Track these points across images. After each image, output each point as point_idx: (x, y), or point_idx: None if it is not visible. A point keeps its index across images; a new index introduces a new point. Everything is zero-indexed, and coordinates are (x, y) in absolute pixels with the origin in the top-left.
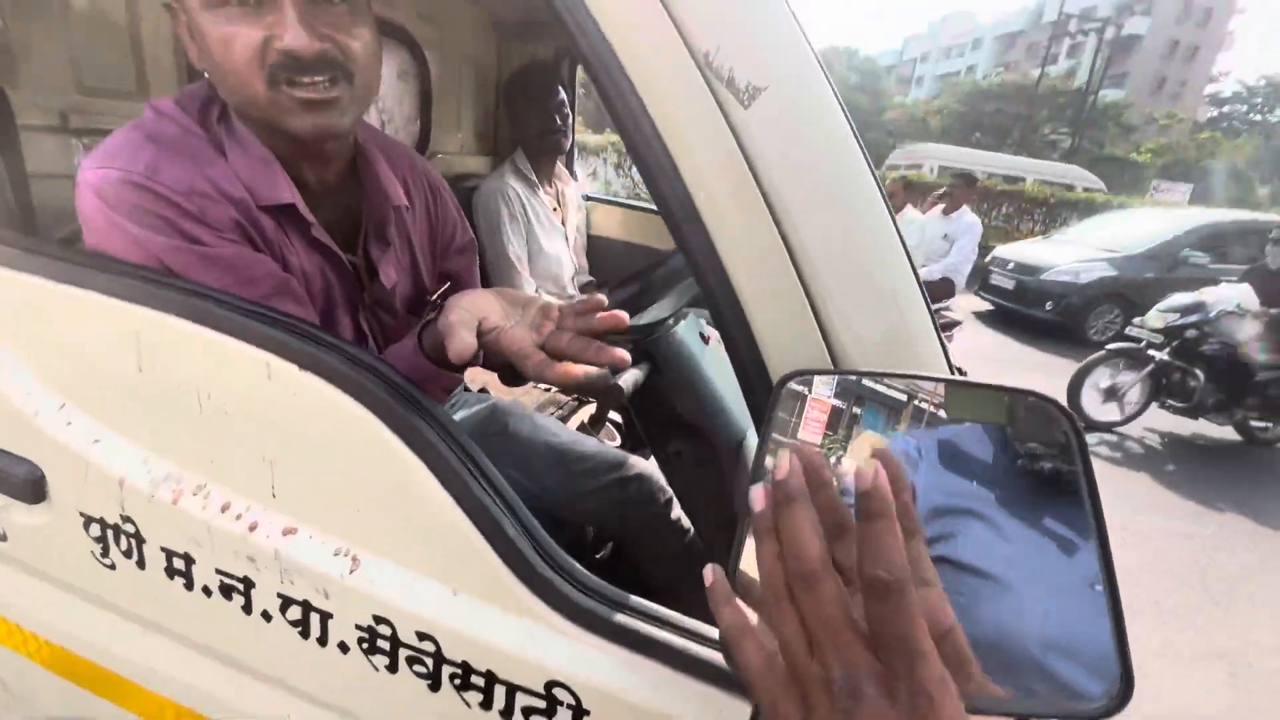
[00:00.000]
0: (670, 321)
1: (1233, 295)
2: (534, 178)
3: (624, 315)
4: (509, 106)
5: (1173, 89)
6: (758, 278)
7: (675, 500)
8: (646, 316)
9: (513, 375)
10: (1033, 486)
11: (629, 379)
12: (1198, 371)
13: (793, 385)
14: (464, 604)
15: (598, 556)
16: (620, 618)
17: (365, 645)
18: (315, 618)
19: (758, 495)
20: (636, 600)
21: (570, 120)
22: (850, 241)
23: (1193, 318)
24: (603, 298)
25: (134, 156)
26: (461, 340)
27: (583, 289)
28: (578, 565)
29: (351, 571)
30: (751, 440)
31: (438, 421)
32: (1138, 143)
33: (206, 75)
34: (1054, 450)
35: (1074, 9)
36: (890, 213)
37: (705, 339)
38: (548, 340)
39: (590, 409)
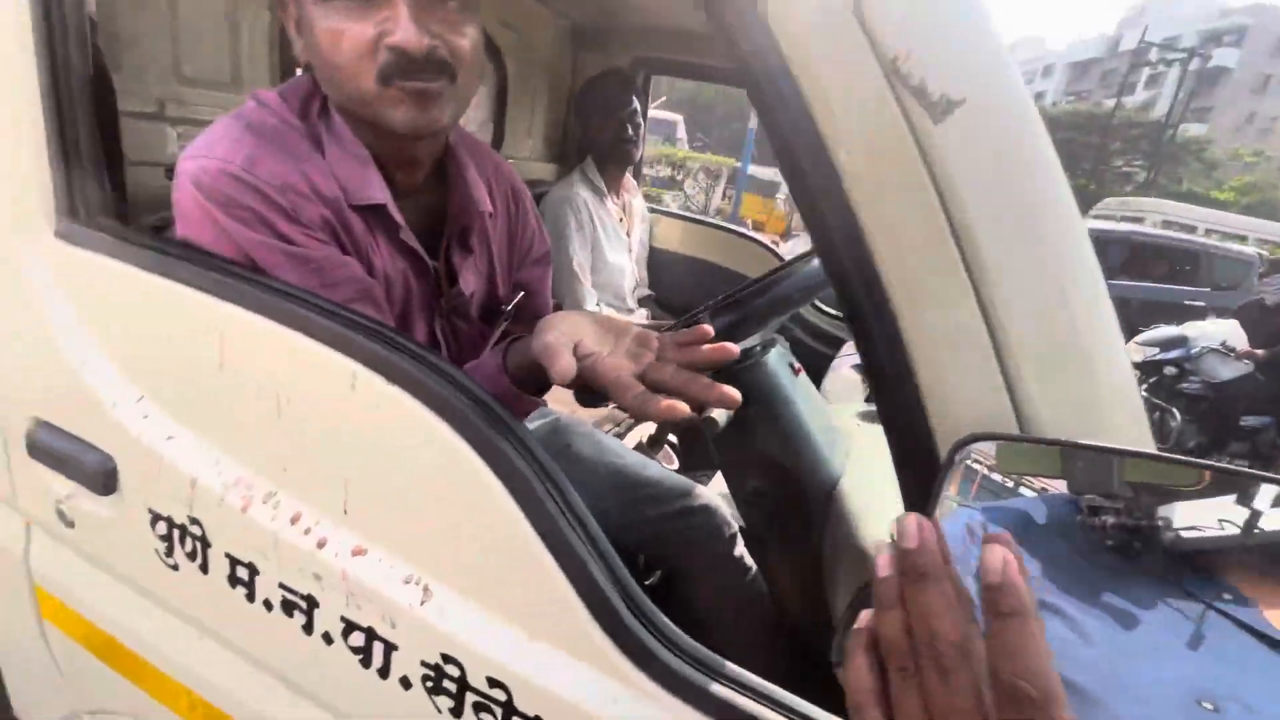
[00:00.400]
0: (759, 350)
1: (1218, 331)
2: (603, 187)
3: (734, 348)
4: (581, 114)
5: (1262, 124)
6: (932, 320)
7: (740, 537)
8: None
9: (589, 396)
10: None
11: (720, 413)
12: (1175, 411)
13: (974, 451)
14: (541, 652)
15: (646, 583)
16: (717, 688)
17: (430, 684)
18: (379, 647)
19: (884, 562)
20: (734, 669)
21: (642, 130)
22: (1052, 284)
23: (1173, 353)
24: (708, 328)
25: (233, 148)
26: (566, 363)
27: (641, 302)
28: (670, 623)
29: (423, 602)
30: (846, 488)
31: (529, 451)
32: (1220, 180)
33: (301, 70)
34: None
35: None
36: (1094, 255)
37: (795, 370)
38: (648, 372)
39: (649, 428)
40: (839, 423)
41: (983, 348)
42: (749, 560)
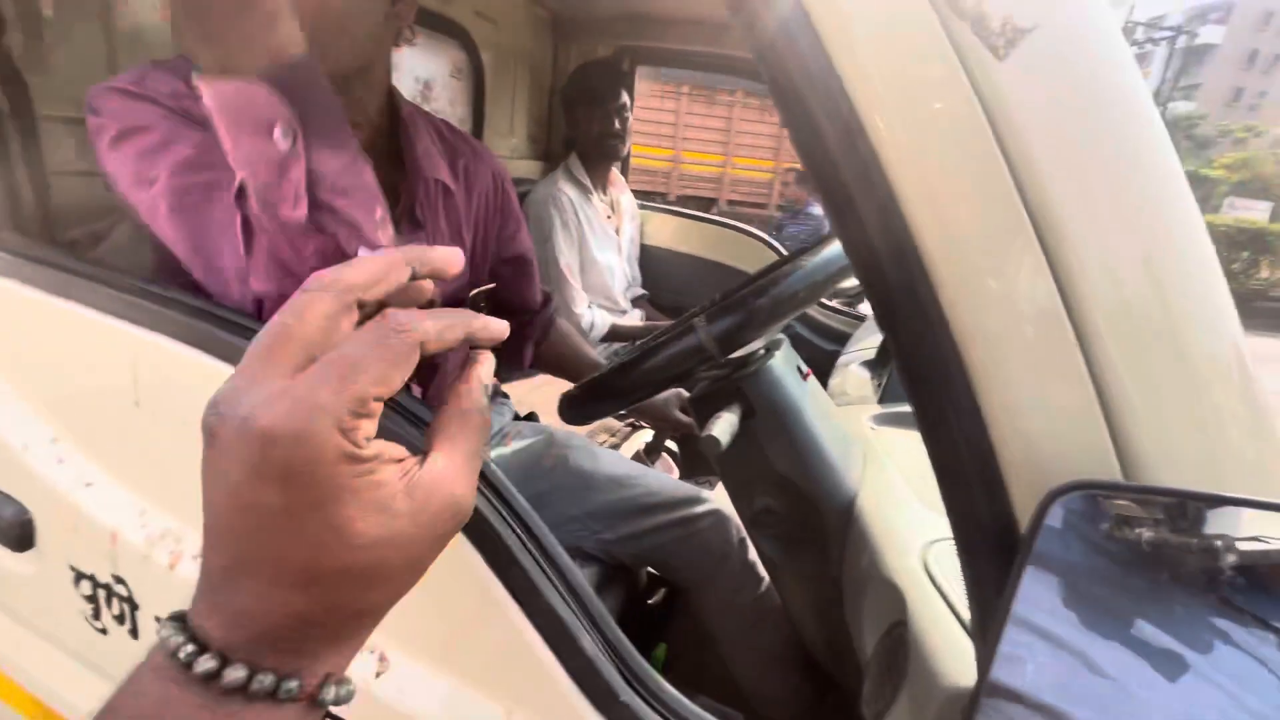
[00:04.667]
0: (762, 353)
1: None
2: (588, 183)
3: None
4: (566, 107)
5: (1250, 100)
6: (997, 324)
7: (750, 545)
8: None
9: (575, 413)
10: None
11: (724, 427)
12: None
13: (1072, 503)
14: None
15: (650, 602)
16: None
17: None
18: None
19: None
20: None
21: (629, 124)
22: (1157, 280)
23: None
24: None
25: (128, 74)
26: None
27: (635, 303)
28: (673, 691)
29: (378, 675)
30: (866, 505)
31: (499, 495)
32: (1209, 158)
33: None
34: None
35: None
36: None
37: (804, 374)
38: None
39: (646, 437)
40: (852, 428)
41: (1072, 371)
42: (760, 569)
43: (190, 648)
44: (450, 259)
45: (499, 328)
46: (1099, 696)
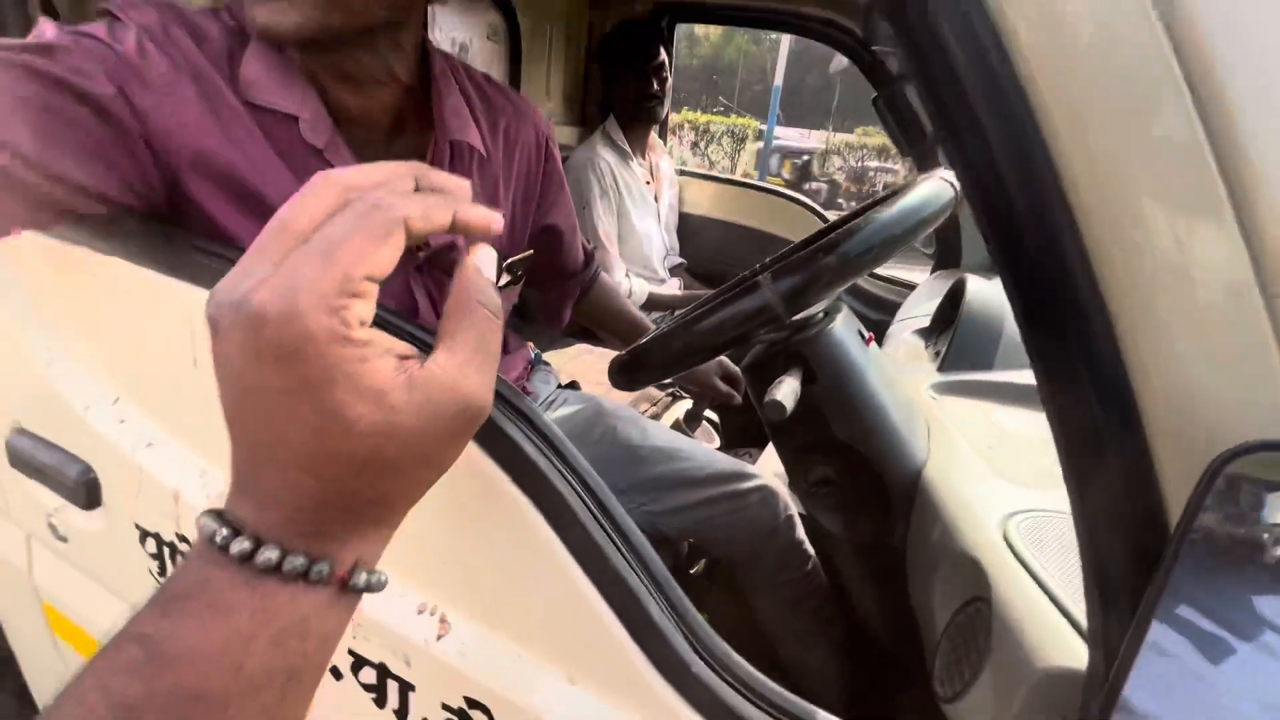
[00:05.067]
0: (822, 317)
1: None
2: (626, 148)
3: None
4: (603, 69)
5: None
6: (1162, 276)
7: (798, 521)
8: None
9: (625, 379)
10: None
11: (788, 392)
12: None
13: (1246, 465)
14: (583, 698)
15: (691, 572)
16: None
17: None
18: (394, 686)
19: None
20: (826, 717)
21: (668, 85)
22: None
23: None
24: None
25: None
26: None
27: (672, 271)
28: (747, 665)
29: (439, 637)
30: (933, 476)
31: (562, 458)
32: None
33: None
34: None
35: None
36: None
37: (866, 339)
38: None
39: (685, 405)
40: (914, 397)
41: (1248, 319)
42: (808, 547)
43: (225, 531)
44: (490, 220)
45: (490, 216)
46: None
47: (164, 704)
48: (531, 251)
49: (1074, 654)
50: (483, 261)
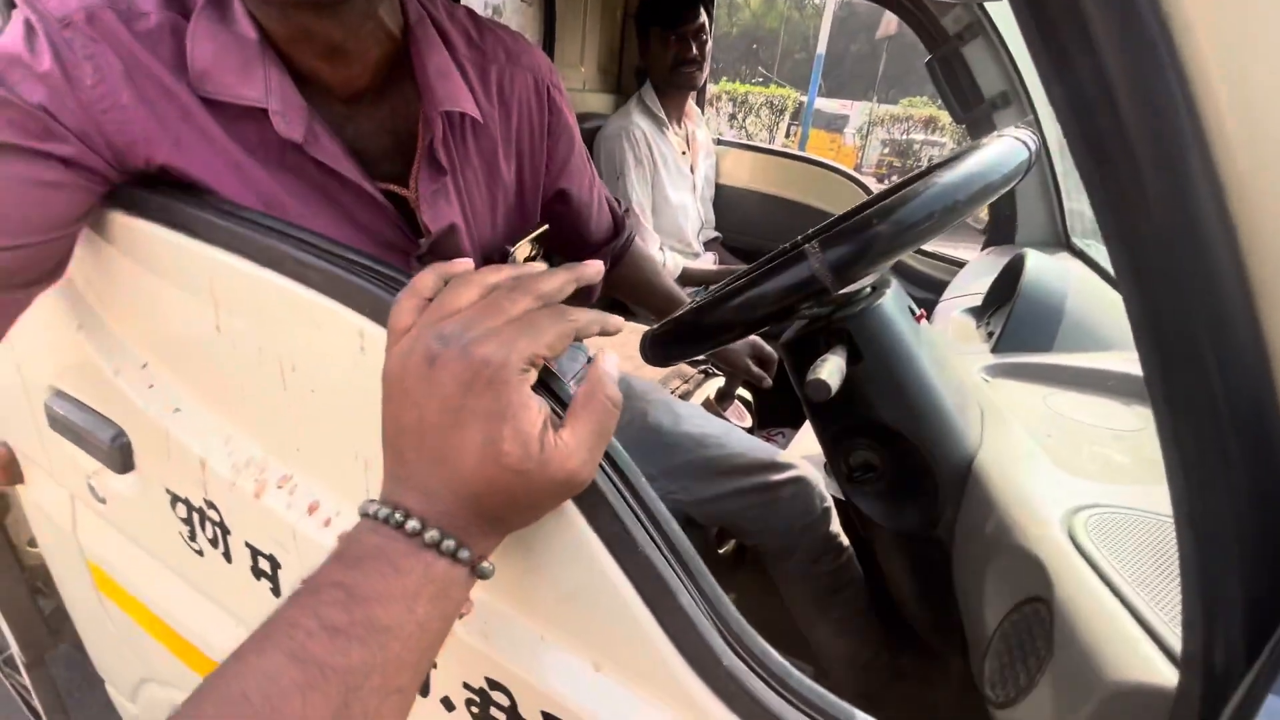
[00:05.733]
0: (870, 292)
1: None
2: (663, 115)
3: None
4: (639, 33)
5: None
6: None
7: (834, 513)
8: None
9: (657, 353)
10: None
11: (832, 371)
12: None
13: None
14: (609, 686)
15: (720, 552)
16: None
17: (475, 710)
18: None
19: None
20: (864, 718)
21: (708, 48)
22: None
23: None
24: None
25: None
26: None
27: (707, 245)
28: (780, 659)
29: (462, 616)
30: (986, 464)
31: None
32: None
33: None
34: None
35: None
36: None
37: (916, 316)
38: None
39: (717, 383)
40: (967, 380)
41: None
42: (843, 539)
43: (400, 513)
44: (606, 323)
45: (606, 321)
46: None
47: (362, 630)
48: (546, 227)
49: (1153, 668)
50: (609, 363)
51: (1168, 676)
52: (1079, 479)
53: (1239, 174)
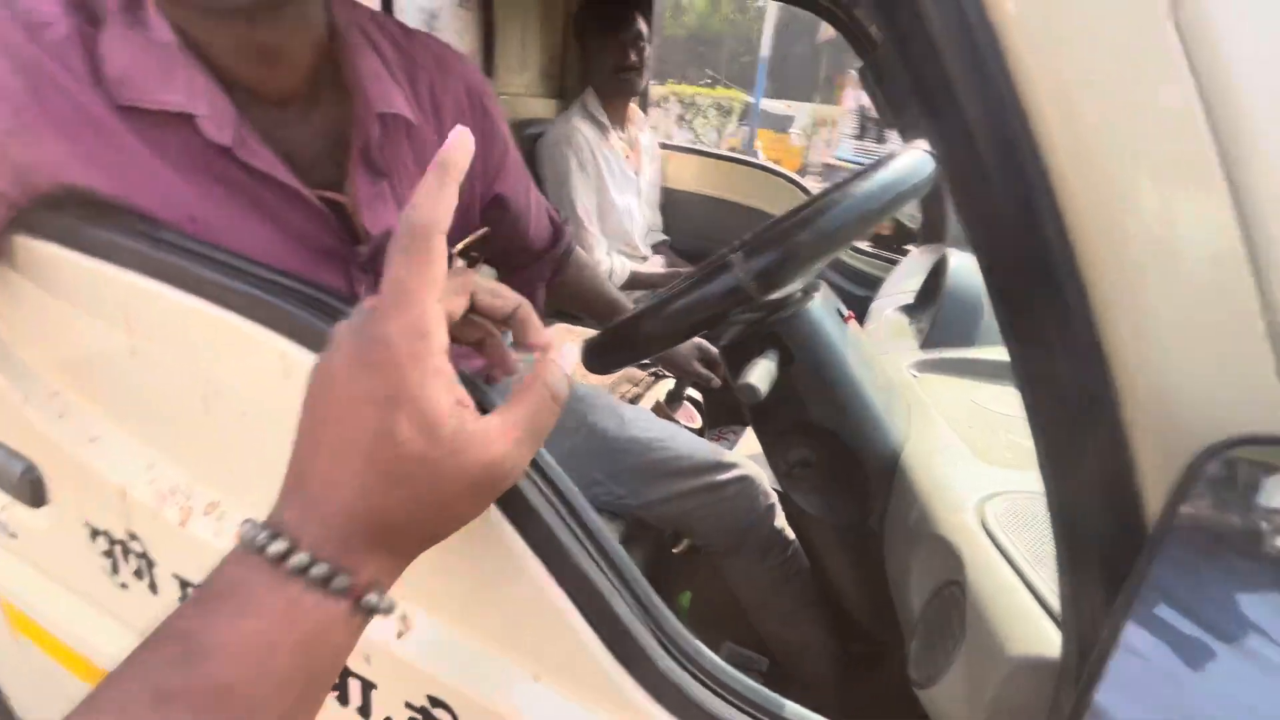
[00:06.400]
0: (800, 295)
1: None
2: (605, 120)
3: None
4: (580, 38)
5: None
6: (1147, 258)
7: (778, 508)
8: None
9: (599, 362)
10: None
11: (762, 375)
12: None
13: (1231, 459)
14: (550, 696)
15: (674, 550)
16: None
17: None
18: (355, 684)
19: None
20: (794, 709)
21: (647, 56)
22: None
23: None
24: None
25: None
26: None
27: (655, 248)
28: (717, 659)
29: (400, 635)
30: (912, 459)
31: None
32: None
33: None
34: None
35: None
36: None
37: (844, 317)
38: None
39: (668, 385)
40: (894, 376)
41: (1241, 312)
42: (788, 532)
43: (265, 534)
44: (460, 143)
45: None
46: None
47: (198, 695)
48: (486, 230)
49: (1049, 642)
50: (564, 355)
51: (1059, 649)
52: (995, 468)
53: (1077, 212)
